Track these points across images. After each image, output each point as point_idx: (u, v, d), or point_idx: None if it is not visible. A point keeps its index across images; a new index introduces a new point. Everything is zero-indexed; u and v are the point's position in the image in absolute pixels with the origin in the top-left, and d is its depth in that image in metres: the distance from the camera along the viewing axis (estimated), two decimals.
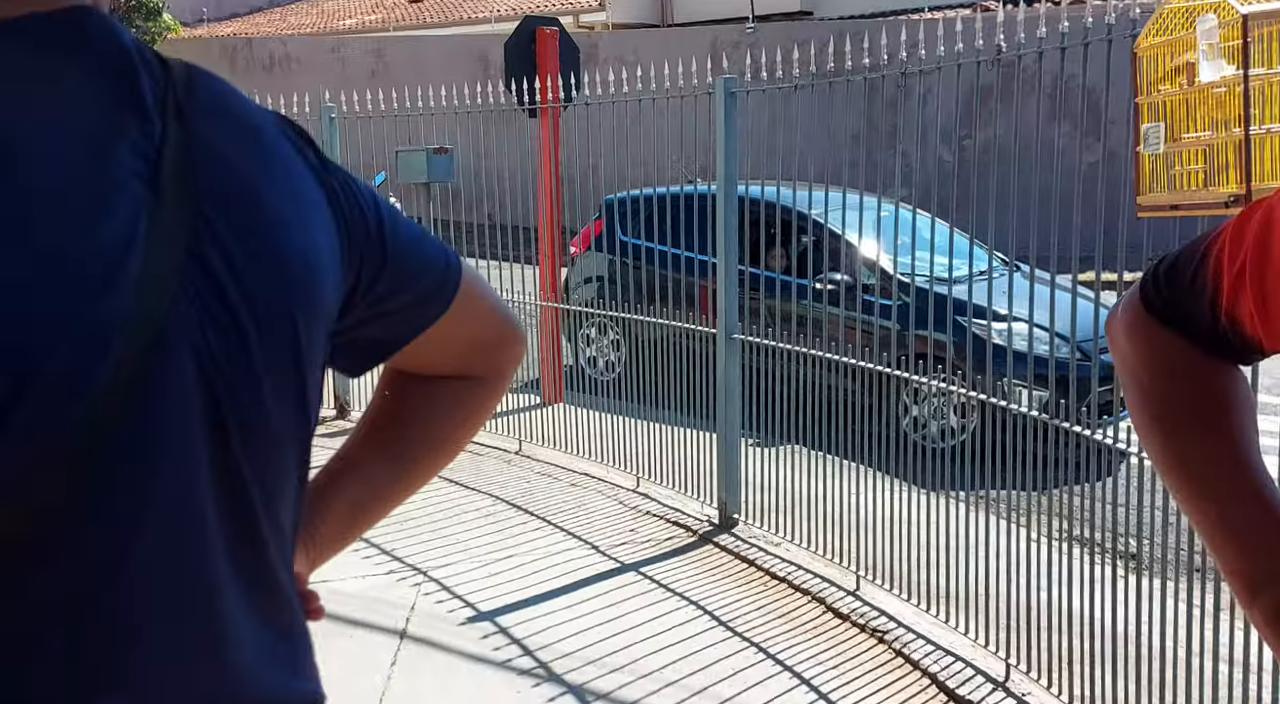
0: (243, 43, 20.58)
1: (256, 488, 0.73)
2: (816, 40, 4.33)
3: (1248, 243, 0.87)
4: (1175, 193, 2.15)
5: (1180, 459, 0.95)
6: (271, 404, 0.74)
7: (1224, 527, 0.91)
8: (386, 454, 1.03)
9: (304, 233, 0.77)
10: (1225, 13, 1.96)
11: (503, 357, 1.07)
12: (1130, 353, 1.00)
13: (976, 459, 3.56)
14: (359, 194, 0.86)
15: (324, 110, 6.34)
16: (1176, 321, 0.95)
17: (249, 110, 0.79)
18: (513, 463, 5.68)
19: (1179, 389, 0.96)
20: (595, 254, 6.98)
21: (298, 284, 0.75)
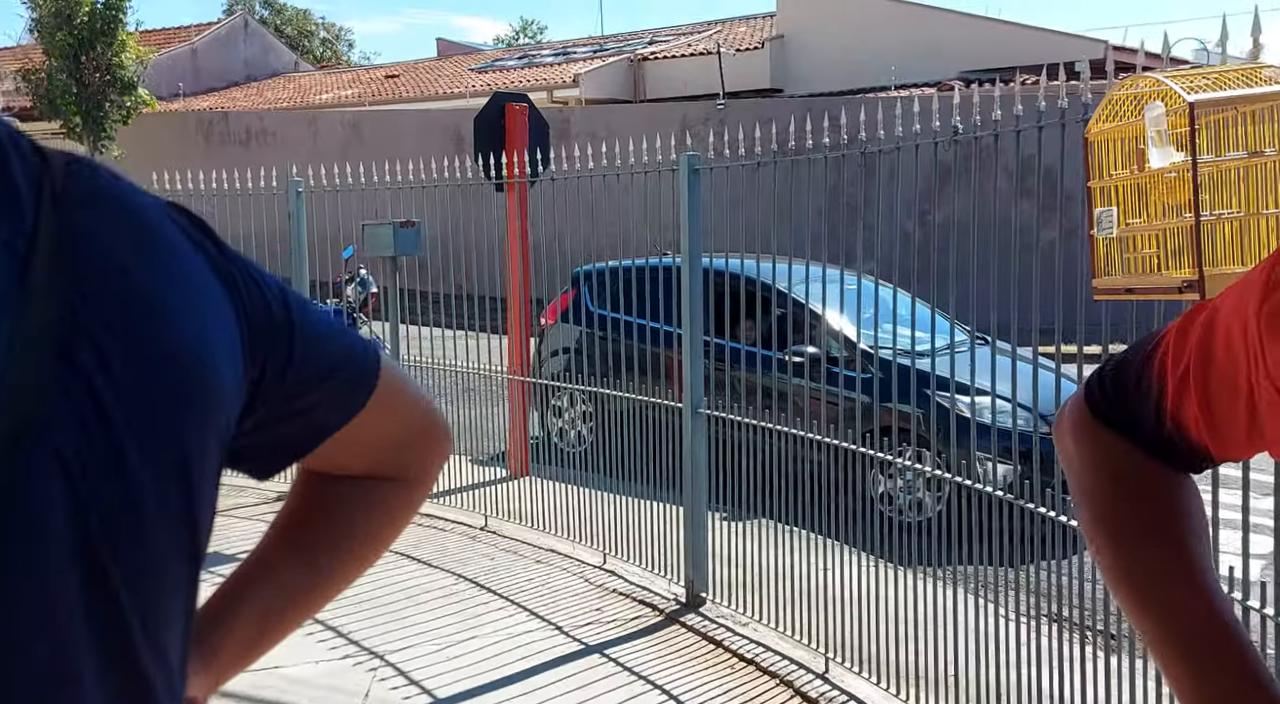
0: (219, 117, 20.72)
1: (135, 613, 0.67)
2: (784, 117, 4.38)
3: (1191, 345, 0.85)
4: (1130, 277, 2.15)
5: (1128, 571, 0.92)
6: (153, 519, 0.68)
7: (1174, 646, 0.87)
8: (301, 559, 0.97)
9: (196, 327, 0.72)
10: (1172, 101, 1.99)
11: (426, 456, 1.02)
12: (1076, 456, 0.97)
13: (944, 535, 3.52)
14: (263, 284, 0.81)
15: (291, 184, 6.35)
16: (1122, 425, 0.92)
17: (136, 199, 0.74)
18: (477, 539, 5.58)
19: (1125, 494, 0.93)
20: (565, 325, 6.97)
21: (187, 385, 0.70)
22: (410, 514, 1.03)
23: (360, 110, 20.29)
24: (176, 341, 0.71)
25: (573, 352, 6.77)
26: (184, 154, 17.70)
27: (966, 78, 18.51)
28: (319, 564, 0.97)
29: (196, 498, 0.72)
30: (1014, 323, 3.31)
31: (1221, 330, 0.82)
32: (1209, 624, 0.86)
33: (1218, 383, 0.82)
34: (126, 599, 0.67)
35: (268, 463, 0.90)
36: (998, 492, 3.30)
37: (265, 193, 6.53)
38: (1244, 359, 0.79)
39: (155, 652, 0.70)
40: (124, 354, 0.67)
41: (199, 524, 0.73)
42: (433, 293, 6.62)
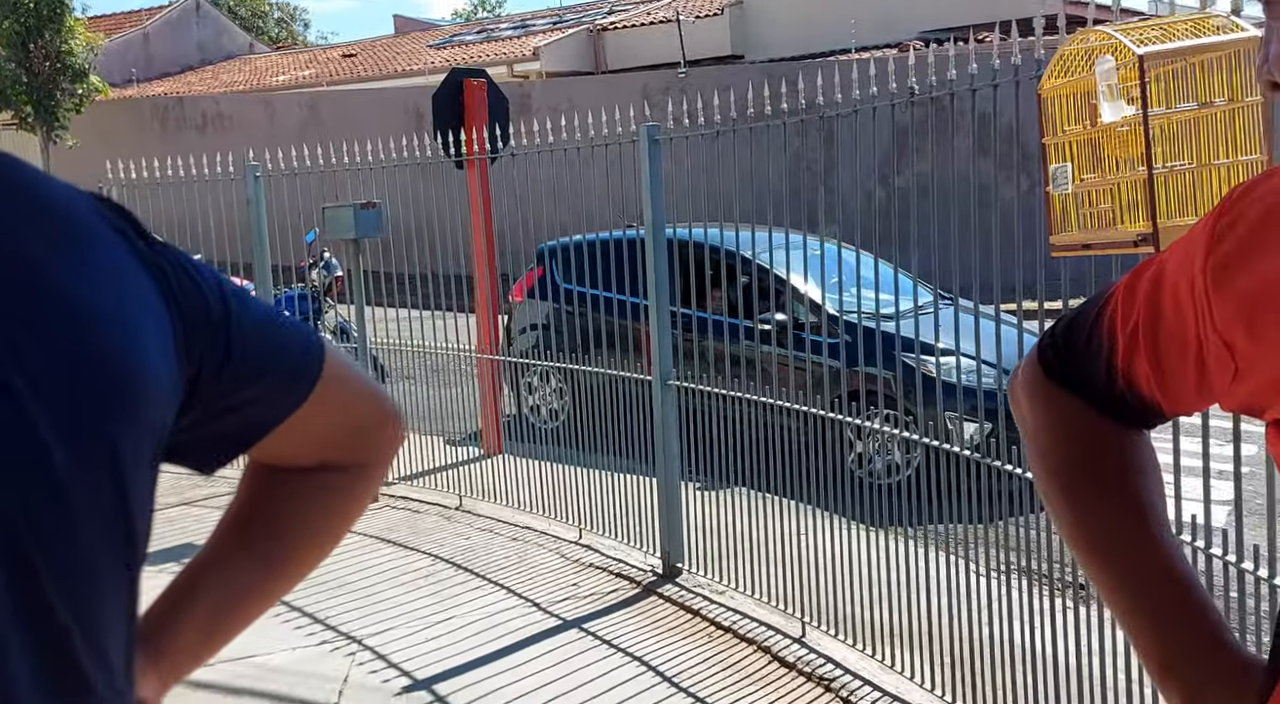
0: (174, 102, 20.39)
1: (69, 614, 0.66)
2: (744, 84, 4.36)
3: (1139, 302, 0.85)
4: (1086, 232, 2.16)
5: (1084, 528, 0.92)
6: (84, 519, 0.67)
7: (1131, 602, 0.88)
8: (251, 554, 0.95)
9: (123, 327, 0.70)
10: (1122, 54, 1.98)
11: (376, 444, 1.00)
12: (1030, 415, 0.97)
13: (916, 496, 3.55)
14: (198, 278, 0.79)
15: (248, 168, 6.26)
16: (1075, 384, 0.92)
17: (53, 193, 0.72)
18: (453, 519, 5.57)
19: (1079, 453, 0.93)
20: (533, 302, 6.93)
21: (115, 386, 0.68)
22: (363, 503, 1.02)
23: (318, 91, 20.03)
24: (101, 339, 0.68)
25: (541, 328, 6.75)
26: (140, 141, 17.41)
27: (926, 38, 18.49)
28: (270, 558, 0.96)
29: (131, 497, 0.71)
30: (975, 281, 3.32)
31: (1169, 286, 0.82)
32: (1165, 580, 0.86)
33: (1167, 339, 0.82)
34: (59, 599, 0.65)
35: (209, 458, 0.88)
36: (965, 451, 3.32)
37: (224, 178, 6.44)
38: (1192, 314, 0.79)
39: (95, 653, 0.69)
40: (41, 352, 0.65)
41: (134, 523, 0.72)
42: (397, 273, 6.56)
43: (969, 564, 3.44)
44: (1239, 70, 1.95)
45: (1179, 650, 0.84)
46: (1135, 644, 0.88)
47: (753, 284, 5.42)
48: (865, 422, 3.82)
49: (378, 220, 5.84)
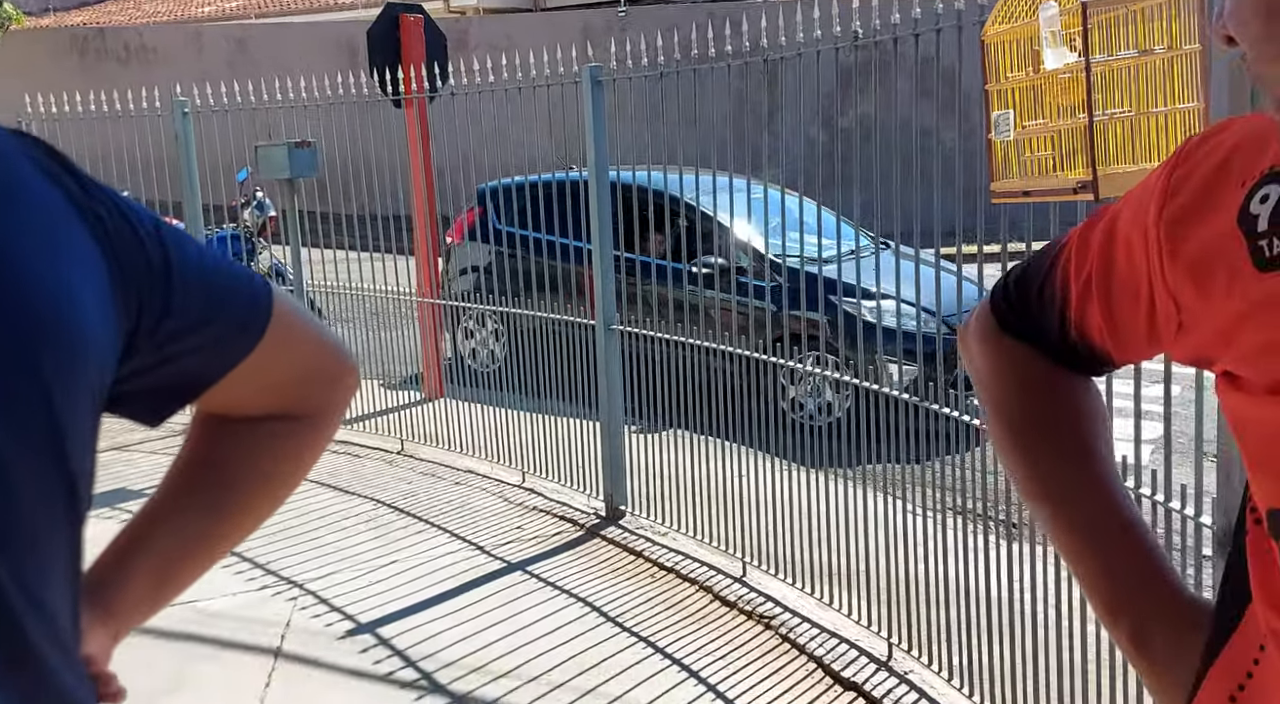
0: (94, 33, 19.60)
1: (14, 582, 0.64)
2: (686, 24, 4.31)
3: (1093, 253, 0.86)
4: (1027, 179, 2.18)
5: (1035, 474, 0.94)
6: (25, 486, 0.65)
7: (1080, 546, 0.90)
8: (199, 503, 0.94)
9: (54, 275, 0.67)
10: (1066, 1, 1.99)
11: (329, 393, 0.98)
12: (983, 365, 0.99)
13: (851, 436, 3.60)
14: (135, 223, 0.76)
15: (176, 104, 6.06)
16: (1027, 334, 0.94)
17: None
18: (395, 463, 5.54)
19: (1031, 402, 0.95)
20: (471, 244, 6.85)
21: (49, 341, 0.65)
22: (316, 453, 1.00)
23: (246, 23, 19.39)
24: (33, 299, 0.66)
25: (481, 270, 6.68)
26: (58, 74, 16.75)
27: None
28: (220, 508, 0.94)
29: (69, 451, 0.69)
30: (916, 225, 3.35)
31: (1122, 237, 0.83)
32: (1112, 523, 0.89)
33: (1119, 289, 0.83)
34: (3, 568, 0.64)
35: (153, 409, 0.86)
36: (902, 394, 3.38)
37: (150, 114, 6.23)
38: (1144, 265, 0.80)
39: (37, 612, 0.67)
40: None
41: (75, 477, 0.70)
42: (334, 214, 6.43)
43: (904, 504, 3.52)
44: (1178, 18, 1.97)
45: (1125, 591, 0.86)
46: (1084, 586, 0.91)
47: (695, 228, 5.42)
48: (796, 364, 3.87)
49: (313, 160, 5.71)
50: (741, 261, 5.31)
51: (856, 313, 3.76)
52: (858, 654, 3.41)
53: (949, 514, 3.39)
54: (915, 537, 3.41)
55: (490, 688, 3.25)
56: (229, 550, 1.00)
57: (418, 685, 3.28)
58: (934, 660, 3.26)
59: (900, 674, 3.27)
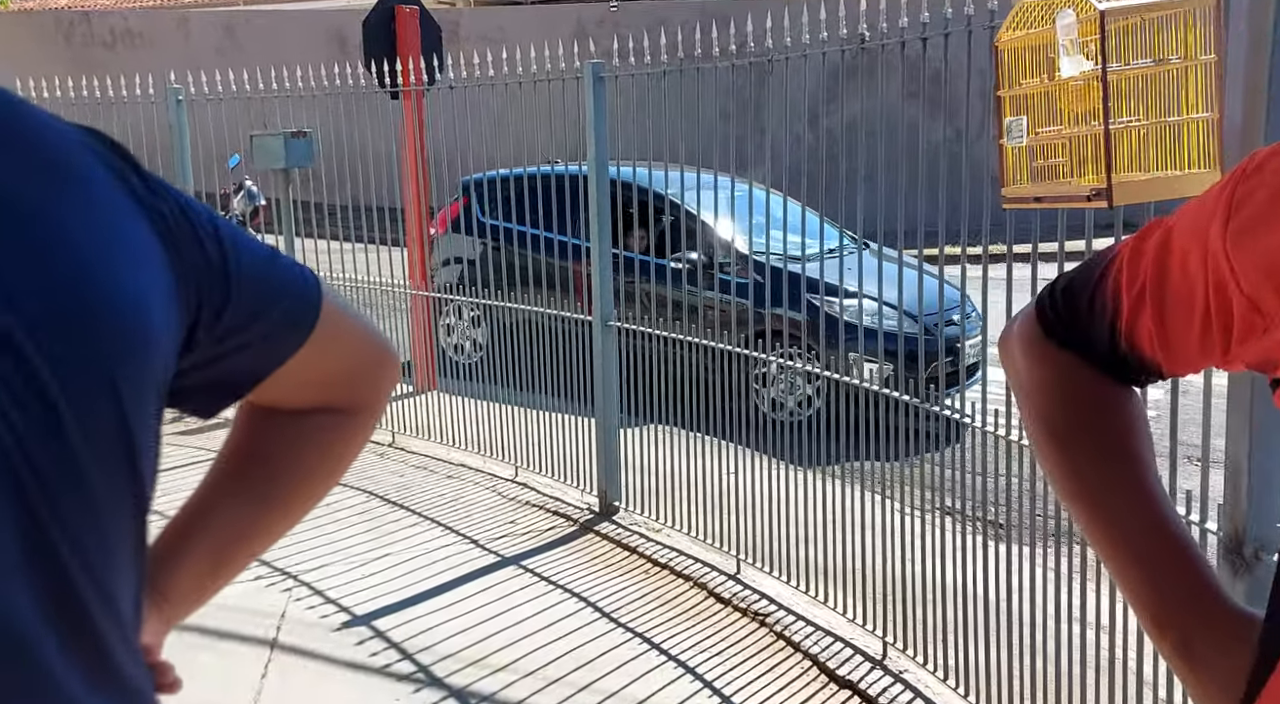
0: (80, 17, 19.41)
1: (81, 569, 0.65)
2: (678, 19, 4.33)
3: (1146, 265, 0.87)
4: (1038, 185, 2.20)
5: (1082, 486, 0.95)
6: (94, 476, 0.65)
7: (1129, 559, 0.91)
8: (249, 496, 0.94)
9: (122, 274, 0.68)
10: (1083, 9, 2.01)
11: (374, 384, 0.99)
12: (1027, 375, 0.99)
13: (832, 433, 3.64)
14: (195, 219, 0.76)
15: (170, 92, 6.02)
16: (1074, 343, 0.94)
17: (46, 132, 0.69)
18: (386, 456, 5.54)
19: (1077, 411, 0.95)
20: (455, 236, 6.84)
21: (117, 335, 0.66)
22: (360, 444, 1.01)
23: (235, 10, 19.25)
24: (103, 297, 0.66)
25: (466, 263, 6.69)
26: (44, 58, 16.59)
27: None
28: (268, 498, 0.95)
29: (136, 441, 0.69)
30: (900, 226, 3.39)
31: (1178, 250, 0.84)
32: (1160, 535, 0.89)
33: (1174, 301, 0.84)
34: (65, 547, 0.64)
35: (208, 402, 0.86)
36: (876, 387, 3.43)
37: (143, 101, 6.18)
38: (1202, 279, 0.81)
39: (104, 600, 0.68)
40: (45, 315, 0.63)
41: (141, 467, 0.71)
42: (327, 204, 6.40)
43: (894, 504, 3.55)
44: (1193, 28, 1.99)
45: (1172, 603, 0.87)
46: (1128, 596, 0.91)
47: (679, 224, 5.49)
48: (772, 357, 3.93)
49: (309, 150, 5.68)
50: (721, 258, 5.37)
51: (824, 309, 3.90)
52: (853, 653, 3.43)
53: (940, 515, 3.42)
54: (909, 537, 3.44)
55: (487, 682, 3.26)
56: (275, 542, 1.01)
57: (414, 678, 3.28)
58: (929, 660, 3.28)
59: (895, 673, 3.30)
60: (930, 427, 3.30)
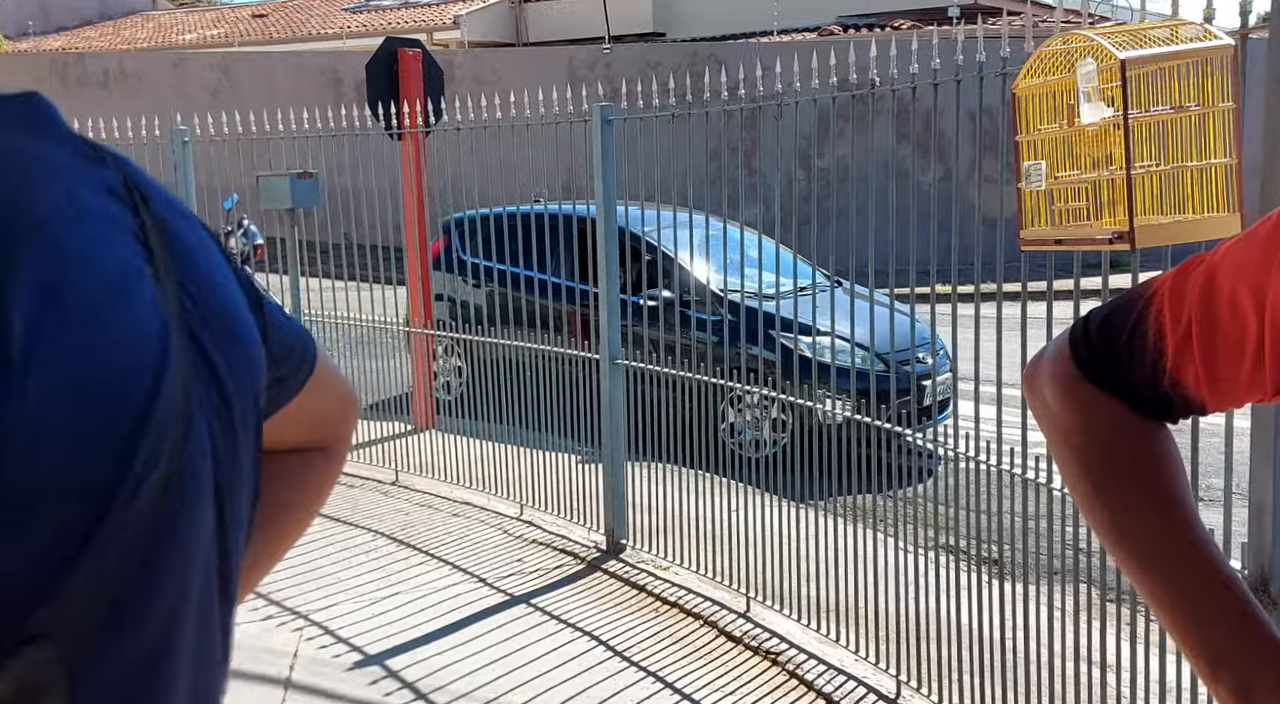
0: (75, 58, 19.52)
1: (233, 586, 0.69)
2: (669, 62, 4.43)
3: (1191, 302, 0.88)
4: (1058, 228, 2.25)
5: (1124, 529, 0.94)
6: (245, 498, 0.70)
7: (1182, 605, 0.90)
8: None
9: (247, 317, 0.75)
10: (1103, 57, 2.07)
11: (346, 425, 1.06)
12: (1063, 417, 0.98)
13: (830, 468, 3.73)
14: (248, 279, 0.85)
15: (176, 133, 6.06)
16: (1110, 381, 0.94)
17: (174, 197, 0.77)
18: (390, 494, 5.53)
19: (1117, 453, 0.95)
20: (436, 273, 6.91)
21: (255, 369, 0.72)
22: (332, 483, 1.07)
23: (230, 52, 19.39)
24: (246, 336, 0.73)
25: (447, 299, 6.78)
26: None
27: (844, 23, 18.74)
28: (262, 532, 0.99)
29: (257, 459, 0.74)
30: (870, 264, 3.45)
31: (1224, 288, 0.86)
32: (1210, 579, 0.89)
33: (1224, 342, 0.85)
34: (234, 558, 0.69)
35: None
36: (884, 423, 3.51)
37: (149, 142, 6.23)
38: (1256, 319, 0.83)
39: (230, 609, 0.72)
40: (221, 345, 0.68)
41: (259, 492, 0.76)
42: (320, 243, 6.45)
43: (898, 541, 3.58)
44: (1210, 76, 2.06)
45: (1225, 647, 0.87)
46: (1182, 644, 0.91)
47: (657, 263, 5.62)
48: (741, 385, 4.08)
49: (315, 190, 5.73)
50: (690, 296, 5.50)
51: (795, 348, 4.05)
52: (866, 691, 3.44)
53: (945, 553, 3.45)
54: (917, 575, 3.46)
55: None
56: (258, 583, 1.04)
57: None
58: (944, 699, 3.29)
59: None
60: (925, 463, 3.39)
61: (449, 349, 6.46)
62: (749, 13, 18.71)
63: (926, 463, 3.65)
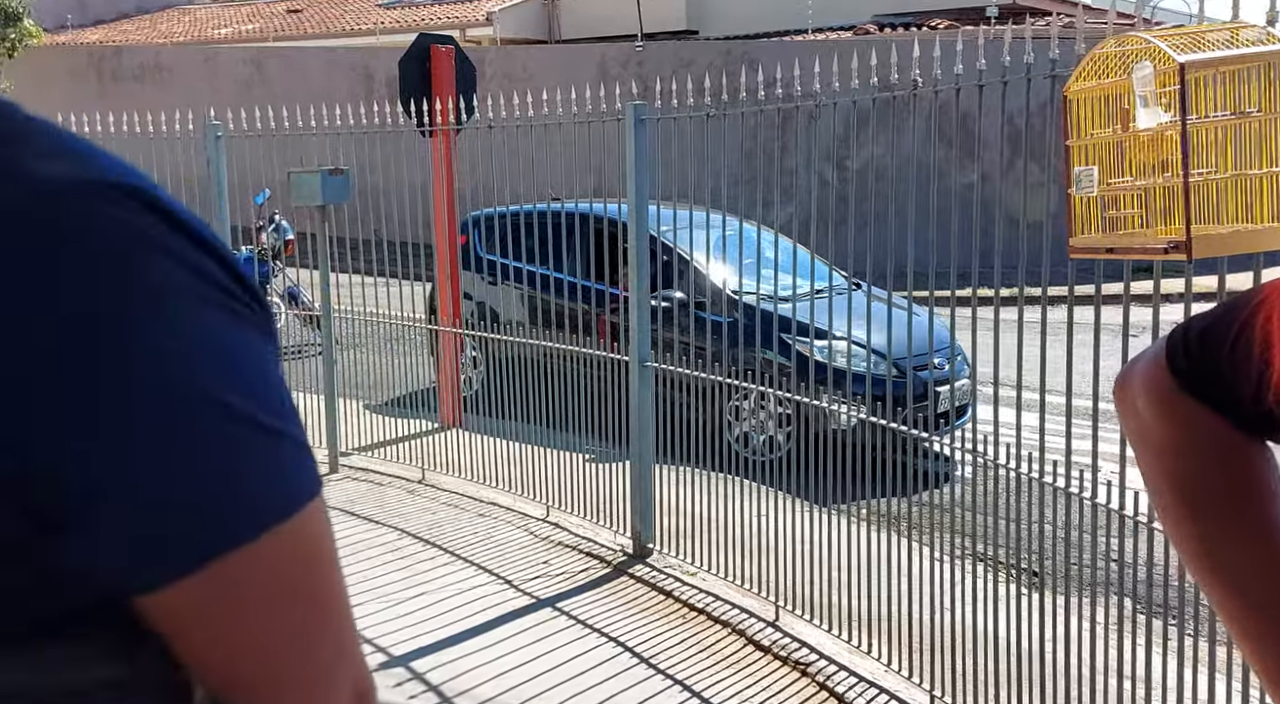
0: (111, 51, 19.70)
1: None
2: (702, 61, 4.38)
3: None
4: (1110, 236, 2.18)
5: (1214, 553, 0.90)
6: None
7: (1264, 634, 0.86)
8: None
9: None
10: (1161, 61, 2.00)
11: None
12: (1157, 432, 0.93)
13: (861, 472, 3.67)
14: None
15: (209, 128, 6.07)
16: (1210, 395, 0.88)
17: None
18: (416, 493, 5.51)
19: (1216, 475, 0.90)
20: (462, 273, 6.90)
21: None
22: None
23: (263, 47, 19.50)
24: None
25: (464, 297, 6.77)
26: (76, 91, 16.83)
27: (880, 22, 18.60)
28: None
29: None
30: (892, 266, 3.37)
31: None
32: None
33: None
34: None
35: None
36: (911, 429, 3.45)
37: (183, 137, 6.24)
38: None
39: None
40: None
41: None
42: (350, 238, 6.44)
43: (930, 551, 3.51)
44: (1274, 81, 1.98)
45: None
46: (1263, 673, 0.87)
47: (673, 263, 5.59)
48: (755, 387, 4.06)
49: (346, 186, 5.71)
50: (703, 297, 5.47)
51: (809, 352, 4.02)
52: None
53: (976, 562, 3.38)
54: (949, 585, 3.39)
55: None
56: None
57: None
58: None
59: None
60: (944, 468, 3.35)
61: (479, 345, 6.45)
62: (783, 11, 18.60)
63: (945, 468, 3.60)
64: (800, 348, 4.56)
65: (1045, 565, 3.19)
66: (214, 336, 0.56)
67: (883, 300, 3.60)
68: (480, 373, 6.16)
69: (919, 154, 3.32)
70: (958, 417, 5.26)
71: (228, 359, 0.57)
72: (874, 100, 3.44)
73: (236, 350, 0.58)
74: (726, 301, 5.44)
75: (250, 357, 0.58)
